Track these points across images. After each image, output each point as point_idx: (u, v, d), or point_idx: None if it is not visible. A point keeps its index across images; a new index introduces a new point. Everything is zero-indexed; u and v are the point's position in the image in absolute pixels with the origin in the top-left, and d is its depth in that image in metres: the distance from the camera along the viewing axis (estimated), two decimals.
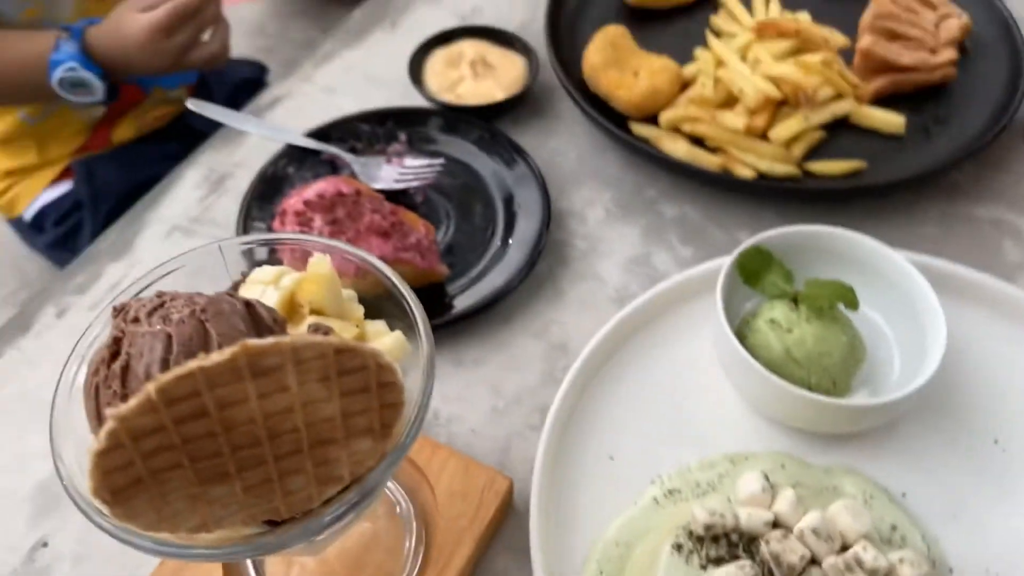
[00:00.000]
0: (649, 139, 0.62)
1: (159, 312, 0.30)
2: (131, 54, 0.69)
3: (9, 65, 0.72)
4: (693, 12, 0.72)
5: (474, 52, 0.67)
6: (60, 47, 0.70)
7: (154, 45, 0.67)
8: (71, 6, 0.78)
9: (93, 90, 0.70)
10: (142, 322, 0.30)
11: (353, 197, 0.53)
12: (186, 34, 0.68)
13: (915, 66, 0.64)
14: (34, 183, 0.88)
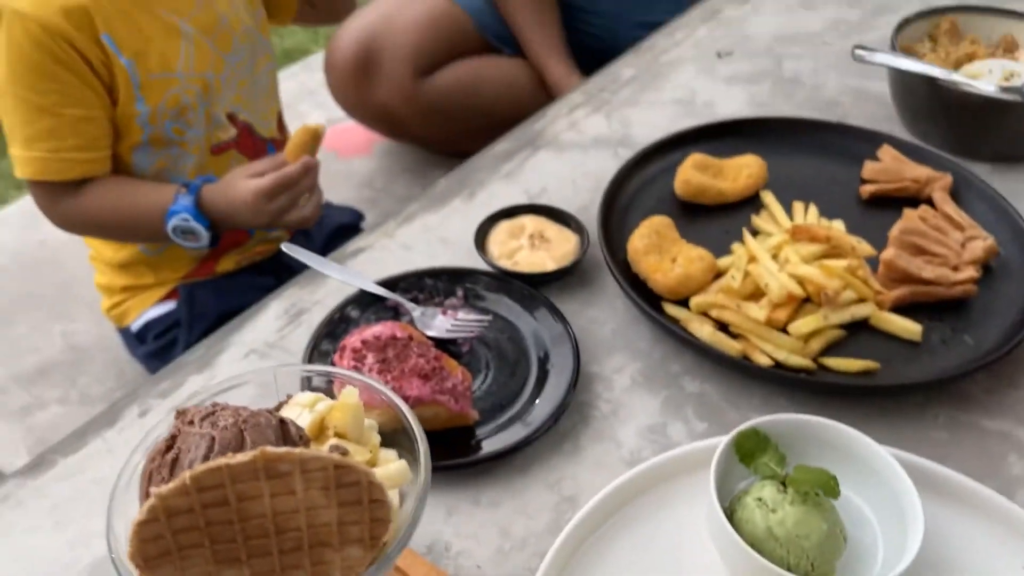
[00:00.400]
0: (679, 320, 0.68)
1: (210, 419, 0.37)
2: (237, 212, 0.82)
3: (137, 209, 0.87)
4: (738, 209, 0.79)
5: (534, 226, 0.76)
6: (178, 200, 0.84)
7: (257, 207, 0.80)
8: (192, 161, 0.92)
9: (199, 238, 0.85)
10: (195, 425, 0.37)
11: (404, 341, 0.61)
12: (285, 200, 0.82)
13: (936, 280, 0.69)
14: (144, 299, 1.01)
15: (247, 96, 0.96)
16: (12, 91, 0.81)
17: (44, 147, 0.83)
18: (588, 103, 0.96)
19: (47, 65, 0.80)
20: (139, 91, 0.85)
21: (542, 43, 1.36)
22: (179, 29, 0.86)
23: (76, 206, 0.87)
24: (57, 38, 0.80)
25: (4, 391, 1.11)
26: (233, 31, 0.92)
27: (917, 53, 0.89)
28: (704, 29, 1.08)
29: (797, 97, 0.95)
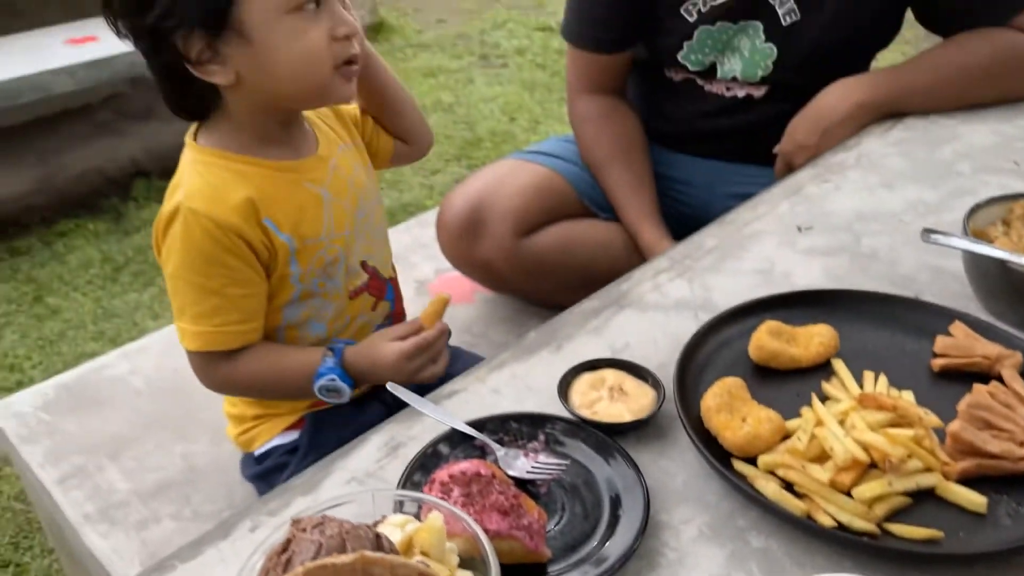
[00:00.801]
0: (747, 476, 0.72)
1: (319, 528, 0.45)
2: (379, 371, 0.96)
3: (286, 373, 0.99)
4: (809, 375, 0.83)
5: (614, 379, 0.83)
6: (325, 362, 0.96)
7: (399, 366, 0.94)
8: (332, 308, 1.04)
9: (343, 395, 0.97)
10: (308, 532, 0.44)
11: (488, 478, 0.68)
12: (423, 360, 0.95)
13: (1001, 455, 0.71)
14: (272, 427, 1.11)
15: (372, 244, 1.09)
16: (184, 276, 0.92)
17: (210, 323, 0.94)
18: (672, 268, 1.04)
19: (217, 254, 0.91)
20: (294, 257, 0.97)
21: (638, 210, 1.47)
22: (321, 197, 0.99)
23: (232, 371, 0.98)
24: (227, 231, 0.90)
25: (126, 504, 1.21)
26: (358, 190, 1.05)
27: (989, 236, 0.94)
28: (786, 204, 1.16)
29: (873, 271, 1.00)
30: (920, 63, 1.38)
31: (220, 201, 0.90)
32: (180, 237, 0.90)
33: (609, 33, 1.46)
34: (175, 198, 0.92)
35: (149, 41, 0.88)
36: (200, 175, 0.93)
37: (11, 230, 2.97)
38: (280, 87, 0.90)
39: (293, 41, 0.87)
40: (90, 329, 2.42)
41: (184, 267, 0.92)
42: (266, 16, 0.85)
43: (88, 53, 2.86)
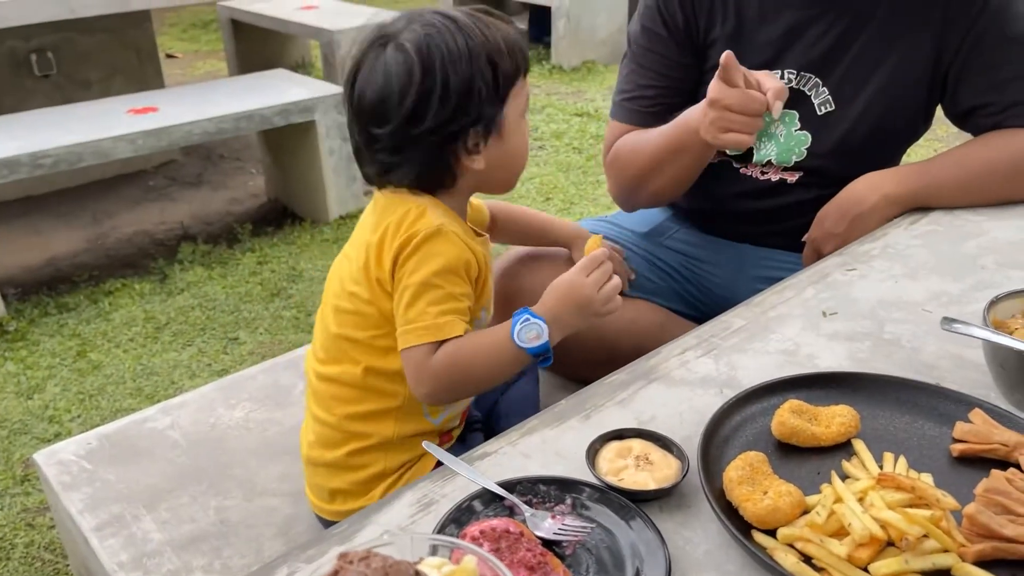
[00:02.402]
0: (766, 548, 0.74)
1: (364, 561, 0.48)
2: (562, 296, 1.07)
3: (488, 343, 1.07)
4: (830, 454, 0.86)
5: (640, 448, 0.86)
6: (514, 317, 1.06)
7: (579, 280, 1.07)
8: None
9: (541, 334, 1.04)
10: (355, 564, 0.48)
11: (516, 536, 0.71)
12: (599, 274, 1.07)
13: (1017, 538, 0.72)
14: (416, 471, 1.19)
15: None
16: (433, 282, 1.07)
17: (445, 316, 1.06)
18: (699, 346, 1.08)
19: (461, 269, 1.09)
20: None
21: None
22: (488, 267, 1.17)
23: (446, 356, 1.06)
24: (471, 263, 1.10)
25: (159, 554, 1.25)
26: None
27: (1009, 328, 0.97)
28: (812, 290, 1.20)
29: (896, 358, 1.03)
30: (947, 159, 1.43)
31: (464, 236, 1.11)
32: (442, 251, 1.06)
33: (653, 108, 1.52)
34: (429, 221, 1.07)
35: (442, 136, 1.07)
36: (445, 214, 1.11)
37: (61, 287, 3.09)
38: (506, 174, 1.17)
39: (523, 138, 1.14)
40: (129, 385, 2.49)
41: (437, 274, 1.06)
42: (515, 118, 1.11)
43: (148, 122, 3.01)
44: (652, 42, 1.50)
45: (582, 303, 1.06)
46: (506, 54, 1.07)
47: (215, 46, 6.54)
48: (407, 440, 1.17)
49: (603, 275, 1.07)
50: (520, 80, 1.10)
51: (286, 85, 3.49)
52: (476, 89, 1.05)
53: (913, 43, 1.38)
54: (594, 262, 1.07)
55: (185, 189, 3.91)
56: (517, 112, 1.11)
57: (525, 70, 1.11)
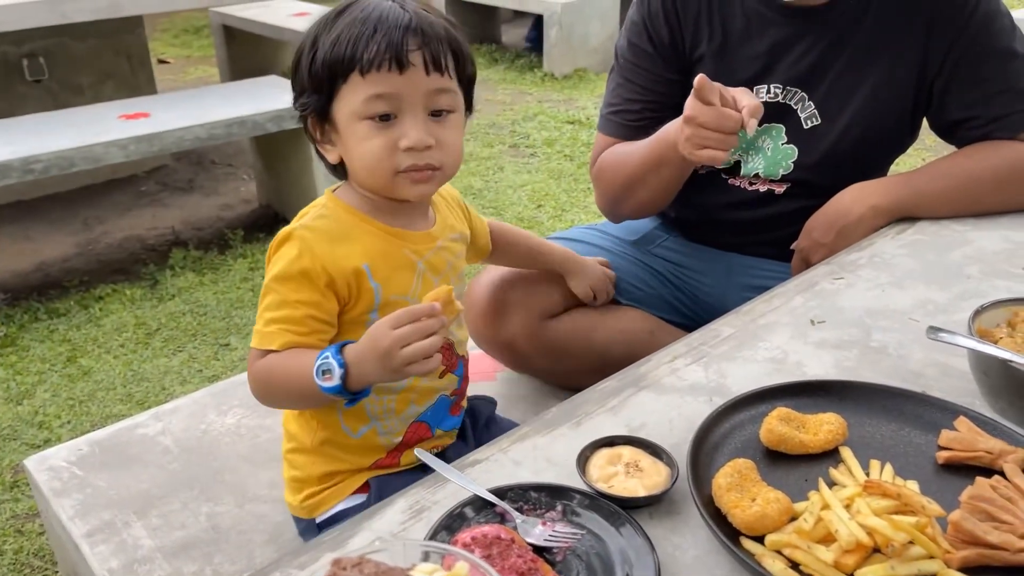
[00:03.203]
0: (754, 554, 0.75)
1: (358, 567, 0.49)
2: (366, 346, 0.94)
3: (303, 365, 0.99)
4: (817, 461, 0.87)
5: (630, 456, 0.87)
6: (327, 348, 0.97)
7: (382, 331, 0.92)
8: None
9: (332, 376, 0.94)
10: (348, 570, 0.49)
11: (507, 542, 0.72)
12: (408, 330, 0.91)
13: (1001, 545, 0.73)
14: (339, 491, 1.14)
15: (455, 323, 1.15)
16: (275, 288, 1.04)
17: (271, 325, 1.03)
18: (689, 354, 1.09)
19: (304, 279, 1.02)
20: (378, 309, 1.06)
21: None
22: (416, 265, 1.10)
23: (264, 364, 1.04)
24: (323, 268, 1.02)
25: (149, 560, 1.25)
26: (455, 274, 1.17)
27: (994, 337, 0.98)
28: (800, 299, 1.21)
29: (882, 366, 1.05)
30: (933, 170, 1.45)
31: (327, 243, 1.04)
32: (284, 255, 1.03)
33: (639, 123, 1.53)
34: (299, 223, 1.06)
35: (299, 112, 1.06)
36: (324, 217, 1.08)
37: (51, 292, 3.08)
38: (357, 176, 1.08)
39: (360, 144, 1.02)
40: (120, 391, 2.48)
41: (275, 278, 1.04)
42: (347, 118, 1.02)
43: (139, 128, 3.01)
44: (638, 57, 1.51)
45: (380, 355, 0.93)
46: (342, 44, 0.98)
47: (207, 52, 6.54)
48: (327, 449, 1.14)
49: (413, 332, 0.91)
50: (354, 78, 0.99)
51: (278, 91, 3.49)
52: (300, 72, 1.03)
53: (898, 57, 1.40)
54: (410, 315, 0.92)
55: (177, 195, 3.90)
56: (349, 113, 1.01)
57: (360, 69, 0.98)
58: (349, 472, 1.15)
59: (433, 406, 1.17)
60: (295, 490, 1.19)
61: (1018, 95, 1.39)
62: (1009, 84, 1.39)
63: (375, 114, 1.00)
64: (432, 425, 1.18)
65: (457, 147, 1.07)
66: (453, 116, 1.05)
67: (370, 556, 0.56)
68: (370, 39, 0.97)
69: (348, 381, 0.95)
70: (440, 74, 1.01)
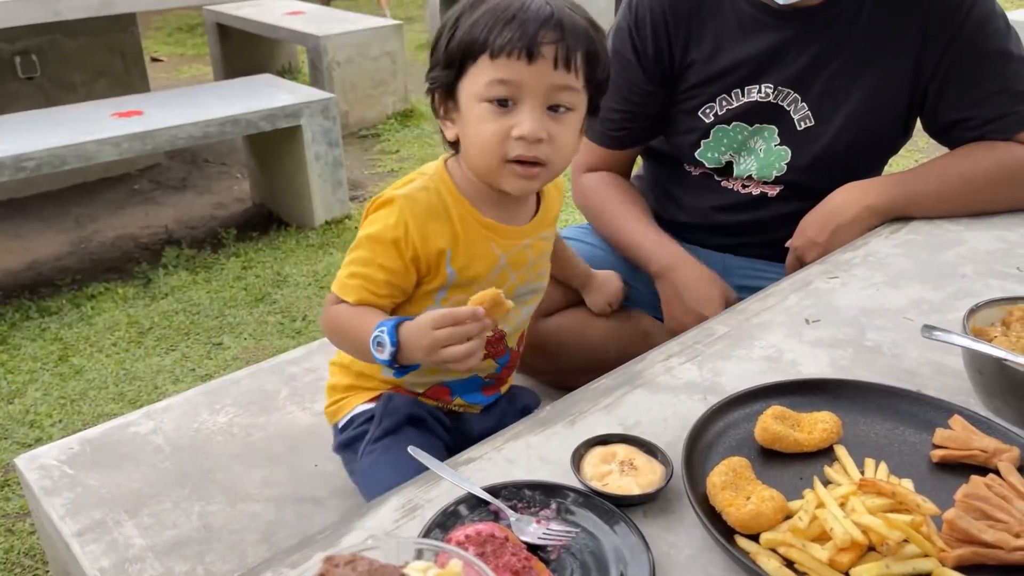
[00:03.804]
0: (749, 553, 0.75)
1: (351, 564, 0.48)
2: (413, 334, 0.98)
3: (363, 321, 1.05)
4: (812, 459, 0.87)
5: (625, 454, 0.87)
6: (385, 321, 1.02)
7: (425, 329, 0.96)
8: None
9: (384, 349, 1.00)
10: (340, 568, 0.48)
11: (501, 540, 0.71)
12: (448, 332, 0.95)
13: (996, 544, 0.73)
14: (354, 399, 1.23)
15: (514, 316, 1.19)
16: (364, 242, 1.09)
17: (352, 278, 1.09)
18: (683, 353, 1.08)
19: (393, 248, 1.07)
20: (447, 288, 1.12)
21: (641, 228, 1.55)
22: (497, 259, 1.13)
23: (334, 313, 1.11)
24: (410, 241, 1.07)
25: (141, 560, 1.24)
26: (534, 272, 1.19)
27: (988, 336, 0.98)
28: (794, 298, 1.21)
29: (877, 365, 1.04)
30: (927, 170, 1.45)
31: (423, 218, 1.08)
32: (380, 218, 1.09)
33: (618, 132, 1.55)
34: (403, 190, 1.10)
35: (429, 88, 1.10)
36: (427, 190, 1.10)
37: (43, 290, 3.07)
38: (469, 158, 1.10)
39: (475, 124, 1.05)
40: (111, 390, 2.47)
41: (368, 237, 1.09)
42: (470, 98, 1.04)
43: (132, 126, 3.00)
44: (620, 65, 1.50)
45: (424, 349, 0.97)
46: (480, 26, 1.01)
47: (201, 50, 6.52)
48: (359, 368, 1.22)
49: (452, 335, 0.95)
50: (483, 60, 1.01)
51: (272, 90, 3.48)
52: (438, 48, 1.06)
53: (892, 59, 1.40)
54: (452, 318, 0.95)
55: (170, 193, 3.89)
56: (472, 93, 1.03)
57: (491, 52, 1.00)
58: (368, 387, 1.23)
59: (464, 380, 1.22)
60: (328, 397, 1.28)
61: (1013, 96, 1.39)
62: (1004, 86, 1.39)
63: (494, 97, 1.02)
64: (454, 393, 1.23)
65: (570, 146, 1.08)
66: (572, 115, 1.06)
67: (363, 554, 0.56)
68: (506, 25, 1.00)
69: (398, 357, 1.00)
70: (568, 71, 1.02)
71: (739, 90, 1.45)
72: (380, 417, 1.18)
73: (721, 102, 1.46)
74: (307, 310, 2.78)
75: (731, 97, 1.46)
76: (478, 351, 0.97)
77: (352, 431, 1.22)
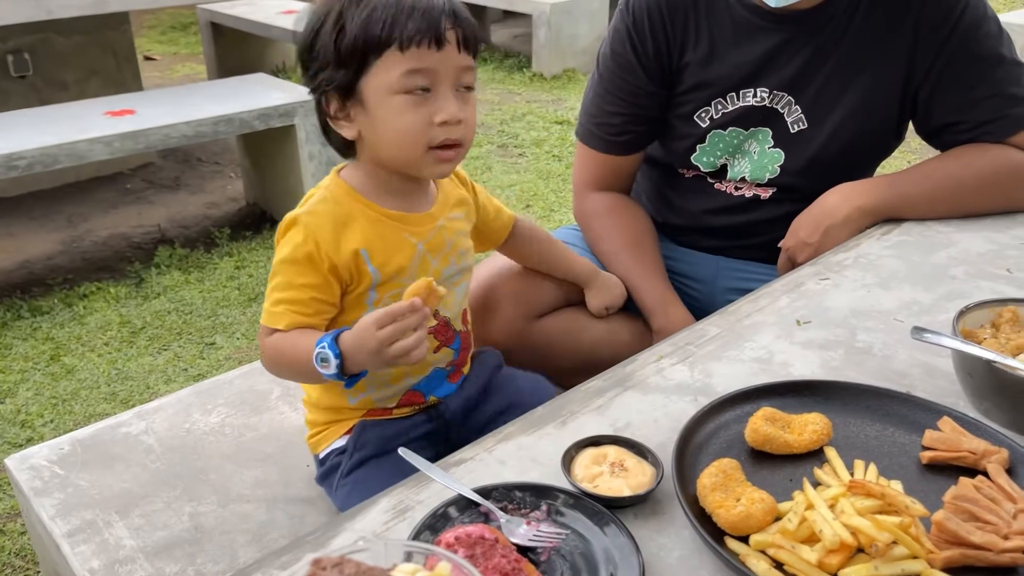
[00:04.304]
0: (739, 554, 0.75)
1: (338, 567, 0.48)
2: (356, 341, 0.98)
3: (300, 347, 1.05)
4: (802, 461, 0.87)
5: (615, 455, 0.87)
6: (324, 336, 1.02)
7: (368, 332, 0.96)
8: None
9: (329, 364, 1.00)
10: (328, 570, 0.48)
11: (491, 542, 0.71)
12: (392, 330, 0.95)
13: (984, 545, 0.74)
14: (332, 433, 1.24)
15: (450, 300, 1.20)
16: (282, 270, 1.09)
17: (277, 305, 1.09)
18: (675, 354, 1.09)
19: (309, 264, 1.07)
20: (375, 288, 1.12)
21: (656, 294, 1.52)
22: (415, 248, 1.13)
23: (270, 343, 1.11)
24: (326, 254, 1.07)
25: (131, 560, 1.23)
26: (454, 252, 1.19)
27: (978, 337, 0.99)
28: (786, 299, 1.21)
29: (867, 366, 1.05)
30: (919, 172, 1.46)
31: (329, 228, 1.09)
32: (289, 240, 1.09)
33: (620, 137, 1.55)
34: (304, 208, 1.11)
35: (314, 94, 1.09)
36: (326, 201, 1.11)
37: (35, 290, 3.06)
38: (383, 152, 1.09)
39: (394, 118, 1.04)
40: (103, 390, 2.47)
41: (282, 261, 1.09)
42: (379, 93, 1.04)
43: (124, 125, 2.99)
44: (620, 67, 1.50)
45: (371, 351, 0.97)
46: (378, 21, 1.00)
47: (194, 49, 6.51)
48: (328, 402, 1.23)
49: (396, 331, 0.95)
50: (391, 53, 1.01)
51: (266, 89, 3.47)
52: (321, 47, 1.05)
53: (884, 63, 1.40)
54: (391, 315, 0.96)
55: (162, 192, 3.88)
56: (383, 88, 1.03)
57: (400, 44, 1.01)
58: (347, 416, 1.23)
59: (427, 377, 1.22)
60: (309, 428, 1.29)
61: (1004, 100, 1.40)
62: (995, 89, 1.39)
63: (415, 87, 1.03)
64: (426, 392, 1.23)
65: (474, 125, 1.11)
66: (473, 94, 1.09)
67: (351, 556, 0.55)
68: (409, 16, 1.01)
69: (344, 368, 1.00)
70: (468, 52, 1.05)
71: (734, 94, 1.45)
72: (351, 451, 1.19)
73: (716, 106, 1.47)
74: None
75: (726, 101, 1.46)
76: (423, 341, 0.98)
77: (329, 463, 1.23)
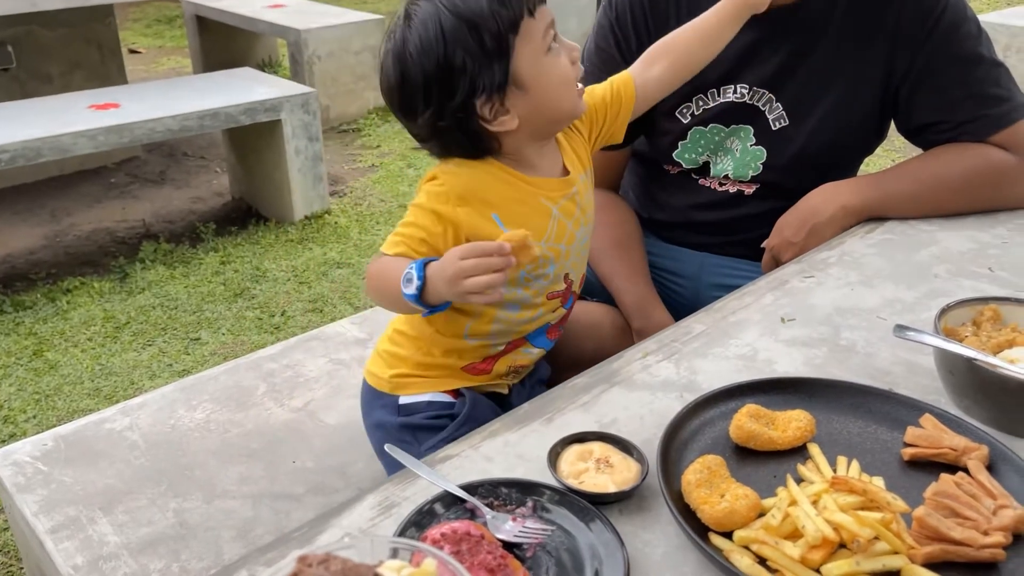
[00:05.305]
0: (722, 550, 0.76)
1: (324, 564, 0.49)
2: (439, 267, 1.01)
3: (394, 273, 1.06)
4: (785, 457, 0.88)
5: (601, 452, 0.87)
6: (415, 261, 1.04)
7: (451, 258, 0.99)
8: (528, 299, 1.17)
9: (411, 284, 1.02)
10: (313, 567, 0.48)
11: (477, 539, 0.72)
12: (473, 264, 0.97)
13: (964, 541, 0.74)
14: (431, 384, 1.22)
15: (579, 262, 1.21)
16: (412, 211, 1.11)
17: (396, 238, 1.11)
18: (660, 351, 1.09)
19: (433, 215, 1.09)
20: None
21: (637, 296, 1.52)
22: (551, 212, 1.14)
23: (375, 262, 1.12)
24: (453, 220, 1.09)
25: (115, 557, 1.23)
26: (585, 216, 1.20)
27: (959, 335, 1.00)
28: (770, 296, 1.22)
29: (850, 363, 1.06)
30: (902, 171, 1.47)
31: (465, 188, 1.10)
32: (432, 189, 1.11)
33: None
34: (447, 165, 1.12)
35: (455, 117, 1.06)
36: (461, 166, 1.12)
37: (17, 284, 3.03)
38: (550, 116, 1.11)
39: (555, 73, 1.08)
40: (87, 385, 2.45)
41: (413, 204, 1.12)
42: (532, 62, 1.06)
43: (109, 118, 2.97)
44: (604, 62, 1.50)
45: (448, 279, 1.00)
46: (490, 11, 1.03)
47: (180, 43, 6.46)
48: (436, 342, 1.21)
49: (476, 267, 0.97)
50: (524, 22, 1.04)
51: (252, 84, 3.46)
52: (458, 67, 1.03)
53: (865, 61, 1.41)
54: (478, 250, 0.98)
55: (147, 187, 3.85)
56: (533, 54, 1.05)
57: (528, 10, 1.04)
58: (443, 371, 1.22)
59: (538, 329, 1.23)
60: (388, 364, 1.25)
61: (984, 100, 1.41)
62: (975, 90, 1.41)
63: (551, 41, 1.07)
64: (529, 339, 1.24)
65: None
66: None
67: (337, 553, 0.56)
68: None
69: (424, 293, 1.02)
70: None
71: (715, 90, 1.46)
72: (464, 419, 1.18)
73: (697, 102, 1.47)
74: (286, 305, 2.77)
75: (707, 97, 1.47)
76: (499, 284, 0.99)
77: (422, 417, 1.21)
